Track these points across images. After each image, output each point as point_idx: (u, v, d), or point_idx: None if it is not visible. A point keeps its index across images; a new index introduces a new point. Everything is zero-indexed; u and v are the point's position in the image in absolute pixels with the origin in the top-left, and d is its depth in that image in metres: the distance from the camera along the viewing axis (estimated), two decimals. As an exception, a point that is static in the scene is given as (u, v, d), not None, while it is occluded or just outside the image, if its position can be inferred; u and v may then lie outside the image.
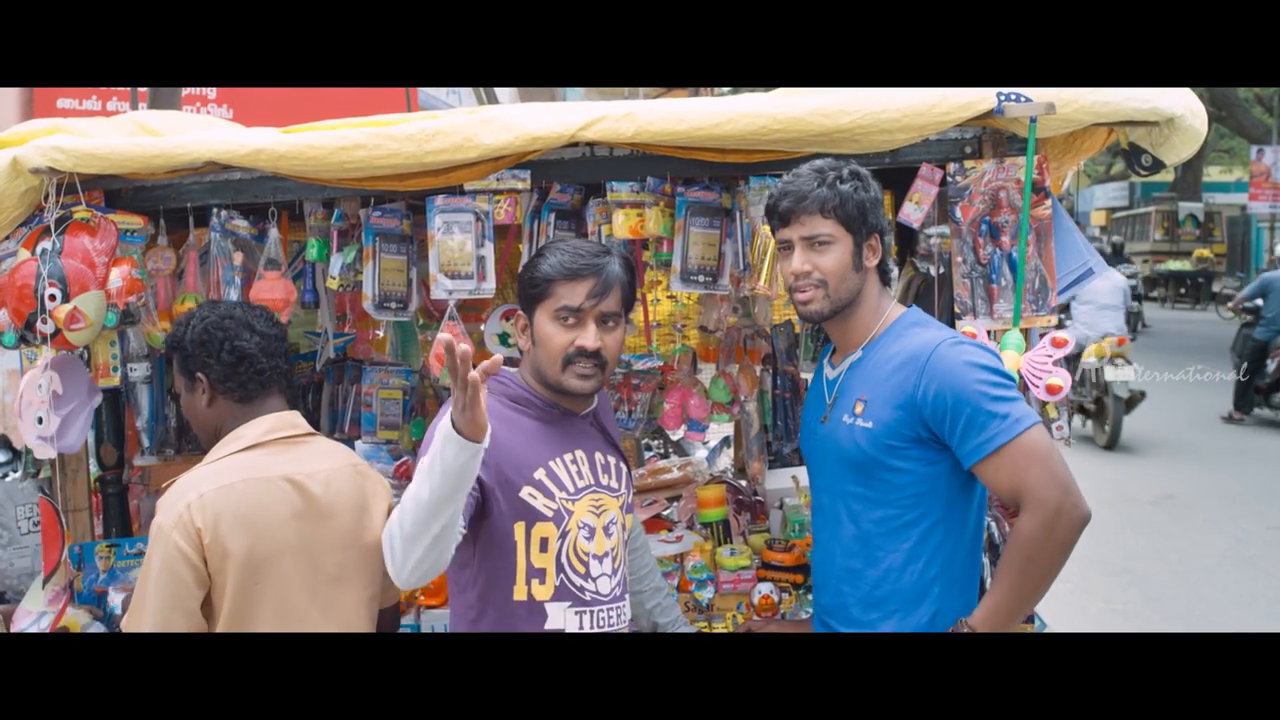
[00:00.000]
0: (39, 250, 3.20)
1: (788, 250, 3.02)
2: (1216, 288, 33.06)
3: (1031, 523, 2.78)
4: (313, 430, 3.07)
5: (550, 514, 2.91)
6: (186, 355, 3.01)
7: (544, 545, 2.91)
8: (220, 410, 3.00)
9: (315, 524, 2.89)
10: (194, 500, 2.78)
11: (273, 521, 2.83)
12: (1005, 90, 3.19)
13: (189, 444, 4.01)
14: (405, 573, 2.64)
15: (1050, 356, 3.21)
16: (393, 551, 2.64)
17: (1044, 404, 3.34)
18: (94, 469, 3.85)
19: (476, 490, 2.79)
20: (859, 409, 2.98)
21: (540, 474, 2.91)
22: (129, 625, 2.82)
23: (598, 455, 3.06)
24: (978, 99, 3.18)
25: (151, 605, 2.75)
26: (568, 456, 2.98)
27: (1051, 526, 2.78)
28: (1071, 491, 2.80)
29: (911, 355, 2.92)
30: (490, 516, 2.88)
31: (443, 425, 2.47)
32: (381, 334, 4.64)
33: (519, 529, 2.89)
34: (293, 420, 3.02)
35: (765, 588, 3.76)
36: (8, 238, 3.30)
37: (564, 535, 2.93)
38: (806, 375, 4.52)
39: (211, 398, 3.00)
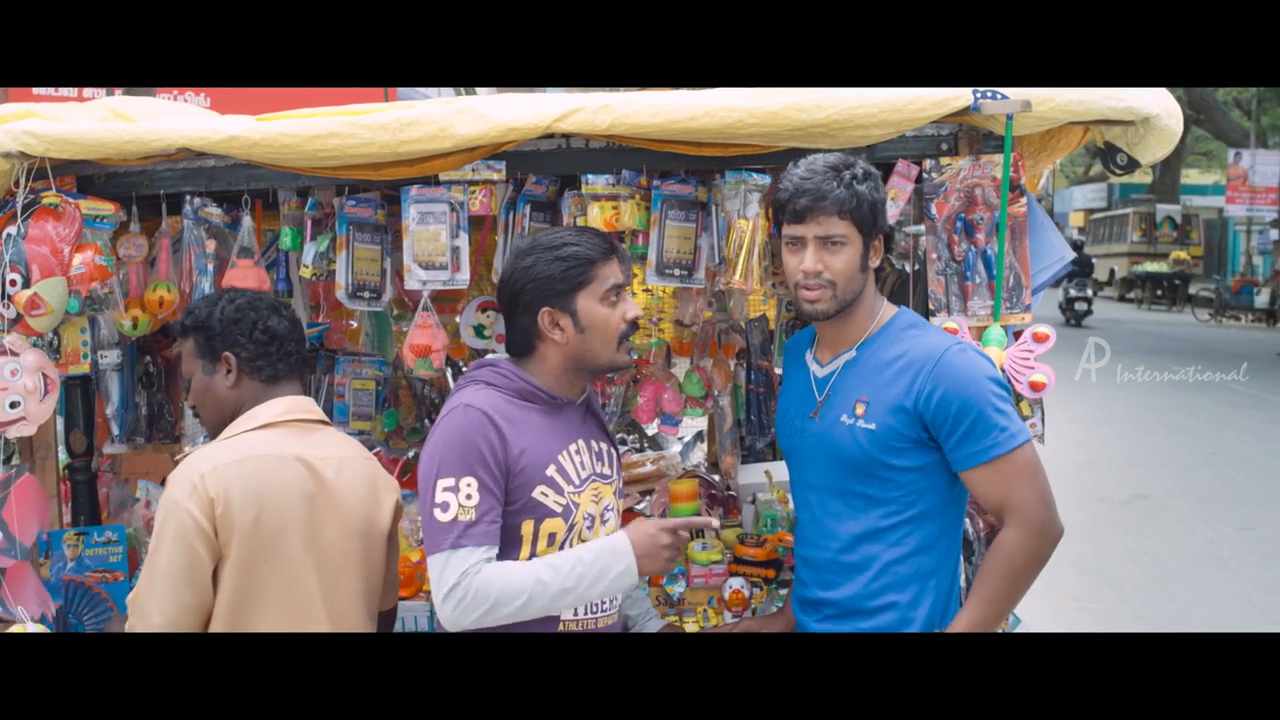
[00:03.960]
0: (4, 235, 3.17)
1: (797, 246, 2.99)
2: (1193, 290, 33.28)
3: (1018, 537, 2.90)
4: (326, 419, 3.08)
5: (559, 509, 2.91)
6: (214, 335, 3.00)
7: (551, 540, 2.91)
8: (243, 391, 2.99)
9: (325, 508, 2.88)
10: (208, 471, 2.77)
11: (284, 499, 2.82)
12: (982, 89, 3.19)
13: (159, 432, 3.99)
14: (468, 625, 2.76)
15: (1032, 352, 3.22)
16: (475, 609, 2.74)
17: (1018, 400, 3.35)
18: (63, 457, 3.82)
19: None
20: (860, 410, 2.99)
21: (551, 470, 2.92)
22: (138, 599, 2.80)
23: (593, 443, 3.07)
24: (954, 96, 3.18)
25: (162, 579, 2.74)
26: (572, 448, 2.99)
27: (1035, 542, 2.90)
28: (1053, 508, 2.92)
29: (916, 359, 2.95)
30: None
31: (627, 568, 2.80)
32: (355, 324, 4.62)
33: (527, 525, 2.89)
34: (308, 405, 3.03)
35: (736, 583, 3.75)
36: (-21, 221, 3.28)
37: (571, 528, 2.94)
38: (780, 370, 4.52)
39: (238, 378, 2.98)
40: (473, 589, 2.73)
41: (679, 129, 3.19)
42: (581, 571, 2.78)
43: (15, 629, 3.13)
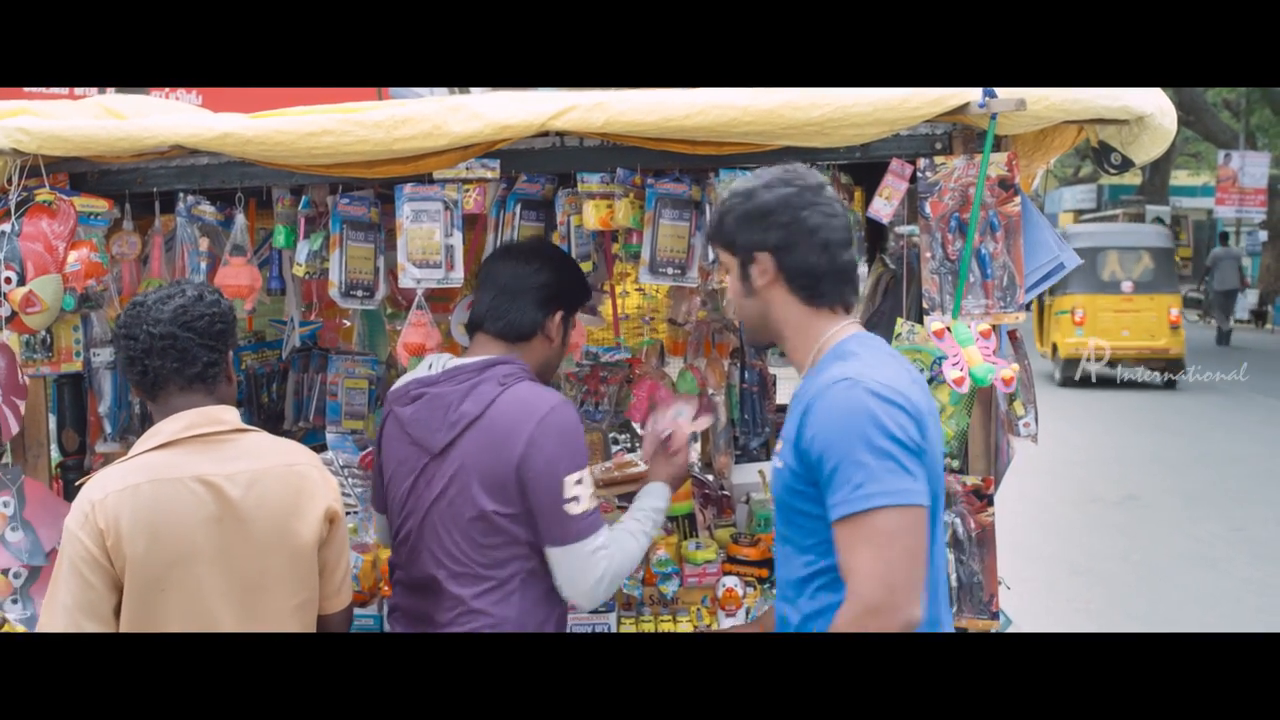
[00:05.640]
0: (-1, 232, 3.17)
1: None
2: (1182, 291, 33.30)
3: (846, 613, 2.48)
4: (244, 426, 2.88)
5: None
6: None
7: None
8: (152, 407, 2.88)
9: (232, 528, 2.72)
10: (98, 500, 2.65)
11: (179, 526, 2.68)
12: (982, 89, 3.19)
13: (152, 431, 3.97)
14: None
15: (988, 348, 3.21)
16: (615, 582, 3.04)
17: (1011, 402, 3.35)
18: (55, 455, 3.81)
19: None
20: (778, 448, 2.74)
21: None
22: (41, 628, 2.74)
23: None
24: (949, 94, 3.17)
25: (61, 611, 2.65)
26: None
27: (863, 625, 2.43)
28: (897, 591, 2.43)
29: (808, 395, 2.61)
30: None
31: (661, 491, 3.28)
32: (349, 323, 4.61)
33: None
34: (218, 416, 2.82)
35: (730, 581, 3.75)
36: (-29, 219, 3.27)
37: None
38: (774, 370, 4.52)
39: (137, 394, 2.91)
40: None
41: (673, 127, 3.19)
42: (642, 520, 3.21)
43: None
